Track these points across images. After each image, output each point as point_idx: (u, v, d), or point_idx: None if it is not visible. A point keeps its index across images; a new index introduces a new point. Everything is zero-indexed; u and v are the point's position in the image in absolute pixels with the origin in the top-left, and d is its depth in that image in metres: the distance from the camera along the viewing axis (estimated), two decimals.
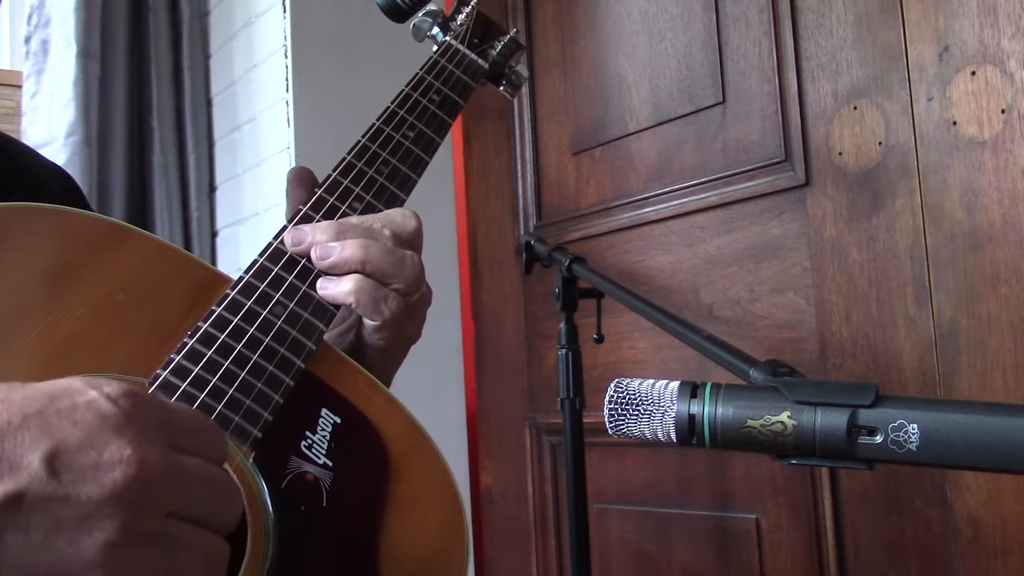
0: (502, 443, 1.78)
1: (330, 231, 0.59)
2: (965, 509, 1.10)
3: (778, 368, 0.46)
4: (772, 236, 1.33)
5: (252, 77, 1.88)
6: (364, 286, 0.58)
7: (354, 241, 0.59)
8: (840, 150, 1.25)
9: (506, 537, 1.77)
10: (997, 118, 1.08)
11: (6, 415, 0.35)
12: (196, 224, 1.96)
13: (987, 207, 1.09)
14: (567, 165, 1.68)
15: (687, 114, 1.46)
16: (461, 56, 0.77)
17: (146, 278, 0.55)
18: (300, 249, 0.59)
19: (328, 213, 0.62)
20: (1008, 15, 1.07)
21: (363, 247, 0.58)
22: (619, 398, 0.46)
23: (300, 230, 0.60)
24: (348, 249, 0.58)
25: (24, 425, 0.34)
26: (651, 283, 1.49)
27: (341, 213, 0.62)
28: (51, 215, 0.54)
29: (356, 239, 0.59)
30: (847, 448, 0.41)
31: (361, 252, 0.58)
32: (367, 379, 0.58)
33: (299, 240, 0.59)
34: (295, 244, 0.59)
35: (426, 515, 0.55)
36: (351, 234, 0.59)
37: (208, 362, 0.52)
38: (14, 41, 2.12)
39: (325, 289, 0.58)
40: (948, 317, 1.13)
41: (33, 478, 0.34)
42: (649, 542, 1.48)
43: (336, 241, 0.59)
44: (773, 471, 1.31)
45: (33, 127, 1.84)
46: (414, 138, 0.69)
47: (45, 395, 0.36)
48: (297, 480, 0.52)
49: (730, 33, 1.40)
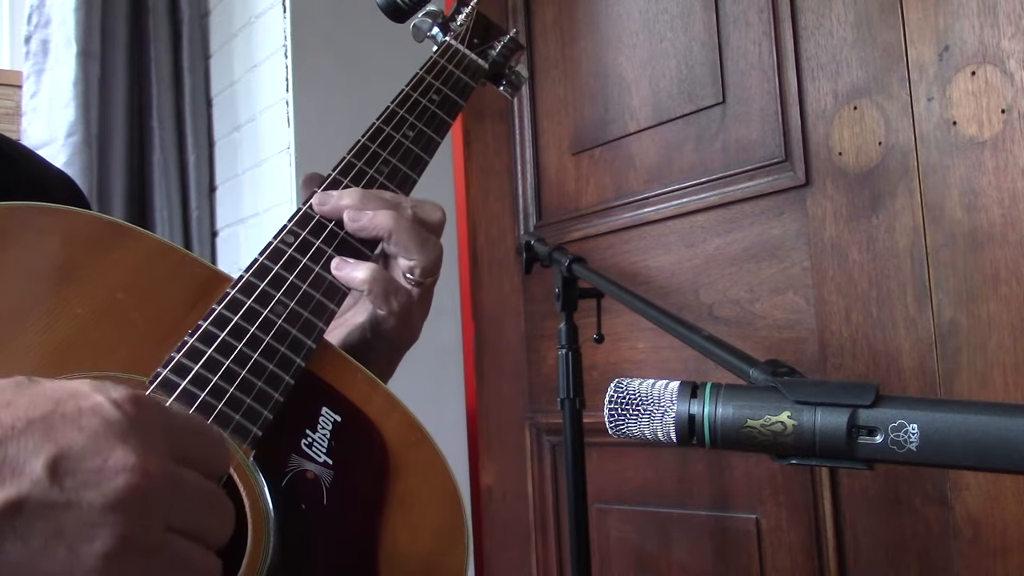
0: (502, 443, 1.78)
1: (356, 195, 0.62)
2: (965, 509, 1.10)
3: (778, 368, 0.46)
4: (772, 236, 1.33)
5: (252, 77, 1.88)
6: (378, 276, 0.60)
7: (386, 212, 0.61)
8: (840, 150, 1.25)
9: (506, 537, 1.77)
10: (997, 118, 1.08)
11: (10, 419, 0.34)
12: (196, 224, 1.96)
13: (987, 207, 1.09)
14: (567, 165, 1.68)
15: (687, 114, 1.46)
16: (461, 56, 0.77)
17: (146, 277, 0.55)
18: (325, 210, 0.61)
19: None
20: (1008, 15, 1.07)
21: (393, 218, 0.60)
22: (619, 398, 0.46)
23: (327, 193, 0.62)
24: (379, 217, 0.60)
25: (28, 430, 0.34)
26: (651, 283, 1.49)
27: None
28: (52, 214, 0.54)
29: (387, 210, 0.61)
30: (847, 448, 0.41)
31: (391, 222, 0.60)
32: (367, 378, 0.58)
33: (324, 201, 0.62)
34: (321, 204, 0.62)
35: (426, 514, 0.55)
36: (376, 202, 0.61)
37: (209, 361, 0.52)
38: (14, 41, 2.12)
39: (340, 270, 0.60)
40: (948, 317, 1.13)
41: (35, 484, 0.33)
42: (649, 542, 1.48)
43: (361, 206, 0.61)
44: (773, 471, 1.31)
45: (33, 127, 1.84)
46: (414, 138, 0.69)
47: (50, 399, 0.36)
48: (297, 478, 0.52)
49: (730, 33, 1.40)
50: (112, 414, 0.36)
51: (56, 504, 0.33)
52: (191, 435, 0.39)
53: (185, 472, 0.38)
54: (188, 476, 0.38)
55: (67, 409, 0.35)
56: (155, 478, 0.35)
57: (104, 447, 0.35)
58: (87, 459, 0.34)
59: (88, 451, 0.34)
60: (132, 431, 0.36)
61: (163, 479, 0.36)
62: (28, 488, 0.33)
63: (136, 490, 0.35)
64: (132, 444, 0.35)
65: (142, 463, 0.35)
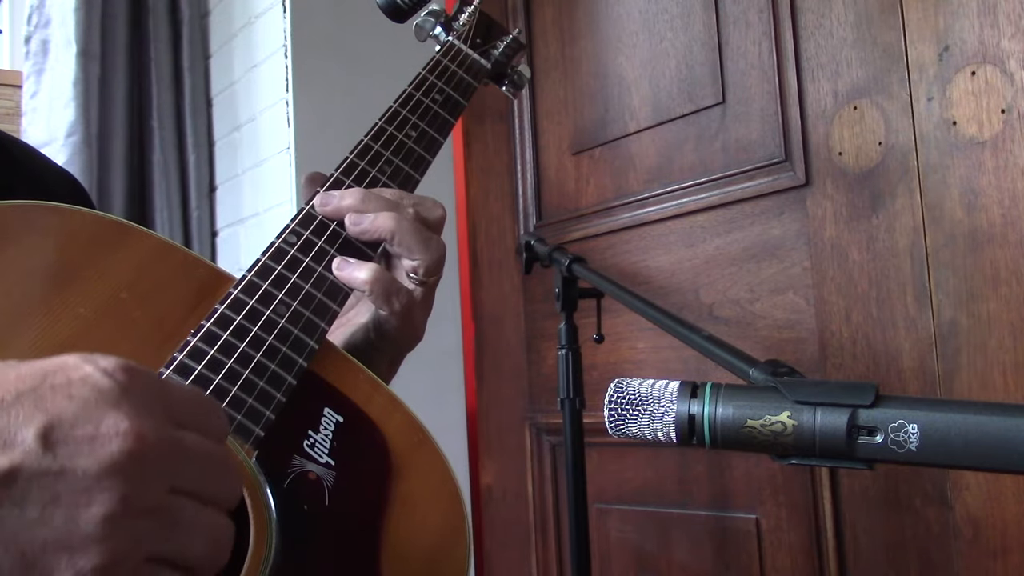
0: (502, 443, 1.78)
1: (357, 196, 0.62)
2: (965, 509, 1.11)
3: (778, 368, 0.46)
4: (772, 236, 1.33)
5: (252, 77, 1.88)
6: (380, 277, 0.60)
7: (387, 213, 0.61)
8: (840, 150, 1.25)
9: (506, 537, 1.77)
10: (997, 118, 1.09)
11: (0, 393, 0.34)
12: (196, 224, 1.96)
13: (987, 207, 1.10)
14: (567, 165, 1.68)
15: (687, 114, 1.46)
16: (464, 56, 0.77)
17: (149, 276, 0.55)
18: (327, 211, 0.62)
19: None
20: (1008, 15, 1.07)
21: (395, 220, 0.61)
22: (619, 398, 0.46)
23: (329, 194, 0.62)
24: (380, 219, 0.61)
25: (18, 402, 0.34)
26: (651, 283, 1.49)
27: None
28: (54, 213, 0.54)
29: (388, 212, 0.61)
30: (847, 448, 0.41)
31: (392, 223, 0.61)
32: (369, 378, 0.58)
33: (326, 202, 0.62)
34: (323, 205, 0.62)
35: (427, 513, 0.55)
36: (378, 203, 0.62)
37: (211, 360, 0.52)
38: (14, 41, 2.12)
39: (342, 270, 0.60)
40: (948, 317, 1.13)
41: (27, 453, 0.33)
42: (649, 542, 1.48)
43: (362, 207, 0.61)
44: (773, 471, 1.31)
45: (33, 127, 1.84)
46: (417, 137, 0.69)
47: (39, 372, 0.36)
48: (300, 479, 0.52)
49: (730, 33, 1.40)
50: (103, 382, 0.36)
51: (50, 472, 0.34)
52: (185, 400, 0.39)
53: (184, 434, 0.37)
54: (187, 437, 0.37)
55: (57, 380, 0.36)
56: (151, 441, 0.35)
57: (95, 414, 0.35)
58: (79, 427, 0.34)
59: (80, 419, 0.35)
60: (124, 397, 0.36)
61: (159, 442, 0.36)
62: (21, 457, 0.33)
63: (131, 454, 0.35)
64: (125, 410, 0.35)
65: (136, 427, 0.35)
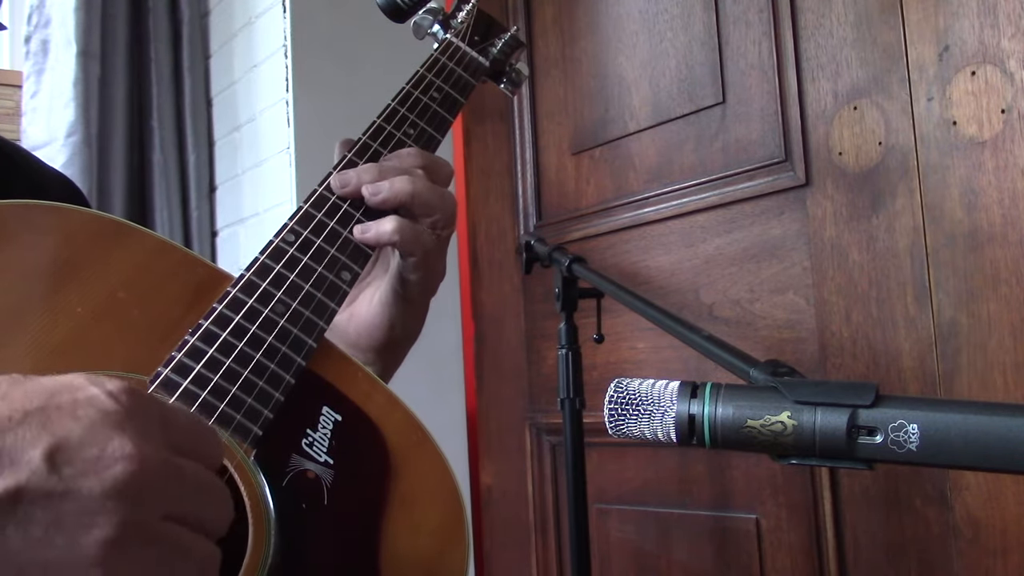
0: (502, 443, 1.78)
1: (374, 171, 0.64)
2: (965, 509, 1.10)
3: (778, 368, 0.46)
4: (772, 236, 1.33)
5: (252, 77, 1.88)
6: (404, 224, 0.62)
7: (402, 178, 0.63)
8: (840, 150, 1.25)
9: (506, 537, 1.77)
10: (997, 118, 1.08)
11: (7, 411, 0.34)
12: (196, 224, 1.96)
13: (987, 207, 1.10)
14: (567, 165, 1.68)
15: (687, 114, 1.46)
16: (462, 54, 0.77)
17: (147, 276, 0.54)
18: (347, 191, 0.63)
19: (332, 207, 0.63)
20: (1008, 15, 1.07)
21: (410, 182, 0.63)
22: (619, 398, 0.46)
23: (345, 174, 0.64)
24: (398, 183, 0.63)
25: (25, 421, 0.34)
26: (651, 283, 1.49)
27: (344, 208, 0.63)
28: (52, 212, 0.54)
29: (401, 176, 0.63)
30: (847, 448, 0.41)
31: (410, 186, 0.63)
32: (368, 377, 0.58)
33: (346, 182, 0.63)
34: (342, 186, 0.63)
35: (427, 513, 0.55)
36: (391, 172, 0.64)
37: (210, 360, 0.52)
38: (14, 41, 2.12)
39: (366, 232, 0.62)
40: (948, 317, 1.13)
41: (33, 473, 0.33)
42: (649, 542, 1.48)
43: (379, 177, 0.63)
44: (773, 471, 1.31)
45: (33, 127, 1.84)
46: (415, 136, 0.69)
47: (46, 391, 0.36)
48: (298, 478, 0.52)
49: (730, 33, 1.40)
50: (108, 404, 0.36)
51: (55, 493, 0.34)
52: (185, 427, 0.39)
53: (182, 461, 0.38)
54: (185, 465, 0.38)
55: (63, 400, 0.36)
56: (152, 467, 0.36)
57: (101, 436, 0.35)
58: (85, 448, 0.34)
59: (85, 440, 0.35)
60: (128, 421, 0.36)
61: (160, 468, 0.36)
62: (27, 477, 0.33)
63: (134, 478, 0.35)
64: (129, 433, 0.35)
65: (139, 451, 0.35)
